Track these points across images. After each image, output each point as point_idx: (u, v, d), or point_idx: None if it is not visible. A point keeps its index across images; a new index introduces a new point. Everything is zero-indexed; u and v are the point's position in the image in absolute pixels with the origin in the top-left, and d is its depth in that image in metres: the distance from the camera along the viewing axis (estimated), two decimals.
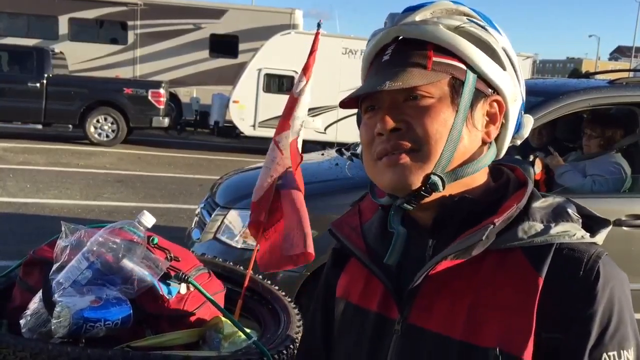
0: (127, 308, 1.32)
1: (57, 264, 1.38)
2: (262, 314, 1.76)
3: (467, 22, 0.98)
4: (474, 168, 0.99)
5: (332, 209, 3.64)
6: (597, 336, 0.88)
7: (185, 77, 17.55)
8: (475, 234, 0.91)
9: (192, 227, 4.56)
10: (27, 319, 1.32)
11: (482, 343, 0.90)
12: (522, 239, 0.92)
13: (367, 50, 1.04)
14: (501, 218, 0.92)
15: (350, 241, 1.07)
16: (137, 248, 1.38)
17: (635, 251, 3.85)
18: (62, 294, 1.29)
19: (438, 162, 0.95)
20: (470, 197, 0.98)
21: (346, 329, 1.08)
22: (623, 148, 4.23)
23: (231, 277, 1.88)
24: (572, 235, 0.92)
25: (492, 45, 0.99)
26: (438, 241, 0.99)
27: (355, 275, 1.09)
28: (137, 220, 1.45)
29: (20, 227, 6.66)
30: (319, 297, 1.21)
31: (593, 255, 0.90)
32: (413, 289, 0.96)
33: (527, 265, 0.91)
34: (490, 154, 1.02)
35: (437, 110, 0.95)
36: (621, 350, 0.88)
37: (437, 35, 0.97)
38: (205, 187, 6.30)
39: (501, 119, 1.02)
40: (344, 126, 13.62)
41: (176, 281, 1.46)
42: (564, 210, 0.96)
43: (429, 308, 0.96)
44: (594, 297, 0.88)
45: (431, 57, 0.96)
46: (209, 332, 1.48)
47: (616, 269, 0.93)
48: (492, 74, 0.99)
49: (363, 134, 1.01)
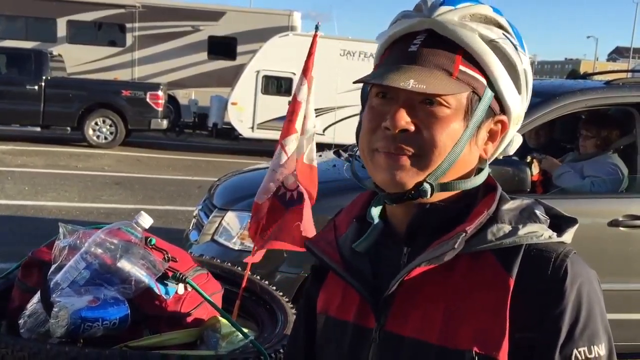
0: (125, 308, 1.33)
1: (55, 265, 1.39)
2: (259, 315, 1.77)
3: (502, 37, 0.96)
4: (464, 185, 0.99)
5: (329, 210, 3.64)
6: (567, 333, 0.89)
7: (183, 79, 17.57)
8: (447, 242, 0.92)
9: (190, 229, 4.56)
10: (26, 320, 1.33)
11: (458, 346, 0.91)
12: (491, 241, 0.93)
13: (394, 30, 1.00)
14: (472, 225, 0.93)
15: (326, 255, 1.07)
16: (134, 249, 1.39)
17: (632, 251, 3.85)
18: (60, 294, 1.29)
19: (434, 172, 0.95)
20: (442, 205, 0.99)
21: (326, 342, 1.09)
22: (620, 148, 4.24)
23: (229, 278, 1.89)
24: (539, 236, 0.93)
25: (517, 67, 0.98)
26: (412, 249, 1.00)
27: (333, 290, 1.10)
28: (134, 221, 1.45)
29: (19, 229, 6.66)
30: (300, 314, 1.22)
31: (561, 254, 0.92)
32: (388, 296, 0.97)
33: (498, 267, 0.92)
34: (481, 176, 1.02)
35: (450, 122, 0.94)
36: (592, 346, 0.89)
37: (471, 43, 0.95)
38: (204, 188, 6.31)
39: (500, 139, 1.02)
40: (342, 128, 13.63)
41: (174, 281, 1.47)
42: (531, 211, 0.97)
43: (404, 314, 0.97)
44: (562, 294, 0.89)
45: (458, 64, 0.95)
46: (206, 332, 1.48)
47: (584, 266, 0.93)
48: (508, 95, 0.98)
49: (369, 118, 0.99)
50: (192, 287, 1.49)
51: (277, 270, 3.59)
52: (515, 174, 3.46)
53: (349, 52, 14.07)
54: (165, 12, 17.59)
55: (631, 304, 3.87)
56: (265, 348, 1.44)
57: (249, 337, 1.45)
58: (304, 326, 1.18)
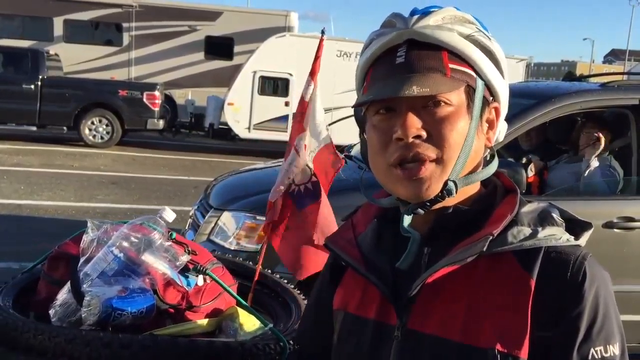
0: (151, 298, 1.38)
1: (84, 257, 1.43)
2: (273, 306, 1.82)
3: (477, 31, 1.02)
4: (483, 174, 1.04)
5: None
6: (584, 333, 0.92)
7: (180, 79, 17.54)
8: (476, 244, 0.95)
9: (186, 229, 4.57)
10: (57, 309, 1.38)
11: (481, 344, 0.93)
12: (512, 243, 0.95)
13: (373, 49, 1.03)
14: (499, 228, 0.96)
15: (345, 253, 1.09)
16: (157, 242, 1.44)
17: (627, 252, 3.88)
18: (91, 285, 1.35)
19: (454, 169, 0.98)
20: (463, 207, 1.02)
21: (345, 338, 1.10)
22: (615, 150, 4.26)
23: (241, 272, 1.93)
24: (558, 239, 0.96)
25: (496, 54, 1.03)
26: (433, 249, 1.02)
27: (352, 287, 1.11)
28: (158, 216, 1.52)
29: (14, 228, 6.66)
30: (310, 309, 1.25)
31: (579, 257, 0.95)
32: (412, 295, 0.99)
33: (519, 268, 0.95)
34: (495, 163, 1.06)
35: (456, 119, 0.97)
36: (607, 345, 0.92)
37: (453, 42, 0.99)
38: (200, 188, 6.31)
39: (497, 125, 1.07)
40: (339, 129, 13.62)
41: (194, 273, 1.52)
42: (549, 214, 1.00)
43: (427, 313, 0.99)
44: (582, 296, 0.92)
45: (447, 63, 0.98)
46: (225, 322, 1.53)
47: (600, 269, 0.97)
48: (496, 81, 1.04)
49: (376, 138, 1.00)
50: (212, 279, 1.54)
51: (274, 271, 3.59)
52: (510, 175, 3.45)
53: (345, 53, 14.08)
54: (162, 12, 17.57)
55: (627, 306, 3.88)
56: (284, 336, 1.49)
57: (268, 325, 1.50)
58: (314, 319, 1.21)
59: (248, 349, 1.38)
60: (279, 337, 1.46)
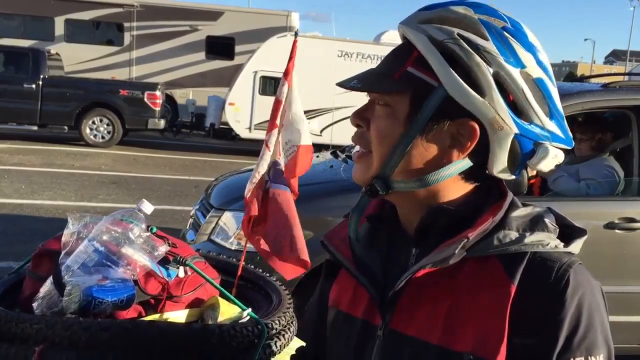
0: (132, 287, 1.40)
1: (65, 250, 1.45)
2: (255, 299, 1.85)
3: (450, 40, 0.94)
4: (436, 177, 0.97)
5: (326, 210, 3.66)
6: (564, 342, 0.89)
7: (181, 79, 17.57)
8: (450, 247, 0.93)
9: (187, 229, 4.57)
10: (40, 302, 1.40)
11: (458, 347, 0.92)
12: (496, 246, 0.94)
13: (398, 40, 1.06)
14: (475, 232, 0.94)
15: (338, 252, 1.10)
16: (137, 234, 1.46)
17: (628, 254, 3.87)
18: (72, 275, 1.37)
19: (383, 168, 0.98)
20: (448, 208, 0.99)
21: (336, 336, 1.12)
22: (616, 151, 4.25)
23: (225, 268, 1.96)
24: (545, 245, 0.94)
25: (474, 69, 0.93)
26: (421, 250, 1.01)
27: (345, 285, 1.12)
28: (137, 208, 1.52)
29: (15, 228, 6.66)
30: (313, 307, 1.25)
31: (565, 264, 0.92)
32: (394, 295, 0.99)
33: (502, 273, 0.93)
34: (457, 166, 0.98)
35: (385, 121, 0.98)
36: (589, 356, 0.89)
37: (419, 45, 0.96)
38: (201, 188, 6.31)
39: (472, 145, 0.96)
40: (340, 129, 13.63)
41: (175, 265, 1.53)
42: (541, 219, 0.97)
43: (409, 314, 0.99)
44: (563, 303, 0.89)
45: (408, 65, 0.97)
46: (206, 312, 1.55)
47: (587, 277, 0.94)
48: (460, 97, 0.93)
49: None
50: (193, 269, 1.55)
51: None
52: None
53: (346, 53, 14.06)
54: (163, 12, 17.59)
55: (627, 307, 3.88)
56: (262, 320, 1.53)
57: (246, 309, 1.53)
58: (316, 318, 1.21)
59: (226, 330, 1.41)
60: (257, 320, 1.50)
